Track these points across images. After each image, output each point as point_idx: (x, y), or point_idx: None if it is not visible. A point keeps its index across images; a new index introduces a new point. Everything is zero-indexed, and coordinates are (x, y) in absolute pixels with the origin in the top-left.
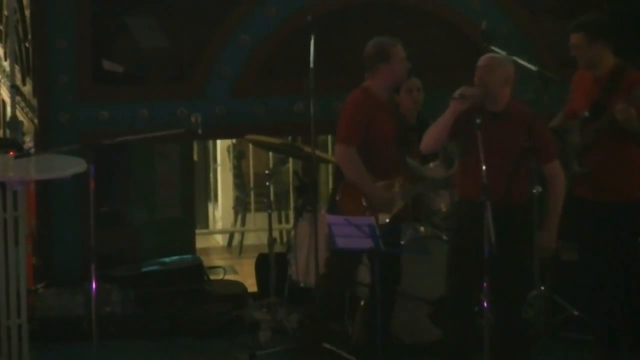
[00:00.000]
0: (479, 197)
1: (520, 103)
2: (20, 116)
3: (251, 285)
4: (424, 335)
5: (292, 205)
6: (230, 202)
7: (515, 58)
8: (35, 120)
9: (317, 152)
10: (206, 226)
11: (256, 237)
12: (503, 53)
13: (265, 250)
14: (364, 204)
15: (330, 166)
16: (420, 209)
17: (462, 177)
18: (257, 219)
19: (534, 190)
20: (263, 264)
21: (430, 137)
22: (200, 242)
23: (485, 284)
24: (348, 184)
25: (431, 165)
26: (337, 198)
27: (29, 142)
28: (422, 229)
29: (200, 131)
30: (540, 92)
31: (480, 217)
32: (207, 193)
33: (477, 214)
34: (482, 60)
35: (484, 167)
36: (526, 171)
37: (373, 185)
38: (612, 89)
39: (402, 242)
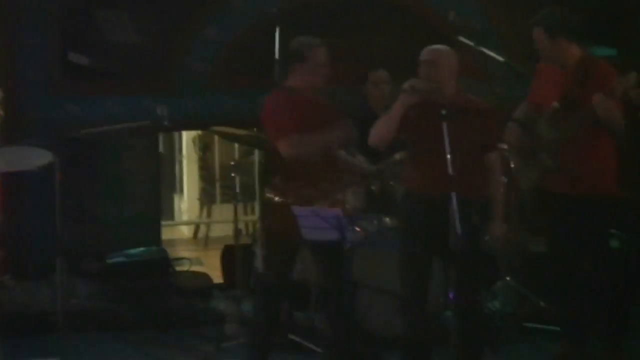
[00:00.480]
0: (433, 189)
1: (466, 94)
2: None
3: (217, 277)
4: (394, 328)
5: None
6: (196, 194)
7: (483, 49)
8: (3, 113)
9: None
10: (172, 218)
11: (222, 228)
12: (471, 44)
13: (231, 242)
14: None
15: None
16: (387, 200)
17: (414, 171)
18: (222, 211)
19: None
20: (229, 256)
21: (378, 131)
22: (166, 234)
23: (451, 277)
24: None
25: (397, 156)
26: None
27: None
28: (387, 220)
29: (166, 123)
30: (509, 84)
31: (436, 209)
32: (173, 185)
33: (432, 206)
34: (427, 53)
35: (449, 157)
36: (482, 163)
37: None
38: (582, 82)
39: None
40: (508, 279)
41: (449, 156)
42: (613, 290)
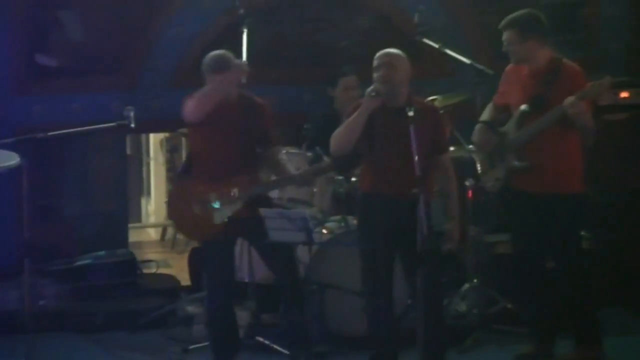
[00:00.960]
0: (390, 190)
1: (418, 96)
2: None
3: (184, 279)
4: (360, 328)
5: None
6: (163, 196)
7: (448, 51)
8: None
9: None
10: (139, 220)
11: None
12: (436, 46)
13: (198, 244)
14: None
15: None
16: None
17: (370, 172)
18: None
19: (466, 183)
20: (196, 258)
21: (344, 138)
22: (133, 236)
23: (416, 277)
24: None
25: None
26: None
27: None
28: (354, 221)
29: (133, 125)
30: (474, 85)
31: (394, 210)
32: (140, 187)
33: (390, 207)
34: (383, 57)
35: (416, 158)
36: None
37: None
38: (551, 83)
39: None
40: (475, 280)
41: (416, 158)
42: (581, 291)
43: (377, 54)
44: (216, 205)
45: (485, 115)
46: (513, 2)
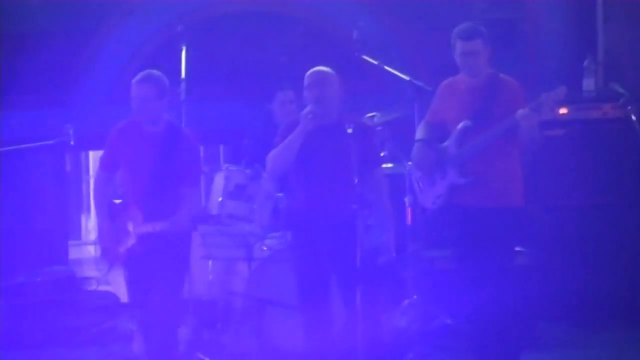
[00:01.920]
0: (324, 207)
1: (348, 111)
2: None
3: (124, 296)
4: (299, 344)
5: None
6: None
7: (387, 68)
8: None
9: None
10: (79, 237)
11: None
12: (375, 62)
13: None
14: None
15: (202, 177)
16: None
17: (303, 190)
18: None
19: (405, 199)
20: None
21: (280, 159)
22: (73, 253)
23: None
24: None
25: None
26: None
27: None
28: None
29: (72, 142)
30: (413, 101)
31: (327, 227)
32: (80, 204)
33: (323, 224)
34: (314, 76)
35: (355, 174)
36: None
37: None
38: (491, 98)
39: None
40: (415, 296)
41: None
42: (521, 306)
43: (308, 73)
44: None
45: (420, 133)
46: (450, 19)
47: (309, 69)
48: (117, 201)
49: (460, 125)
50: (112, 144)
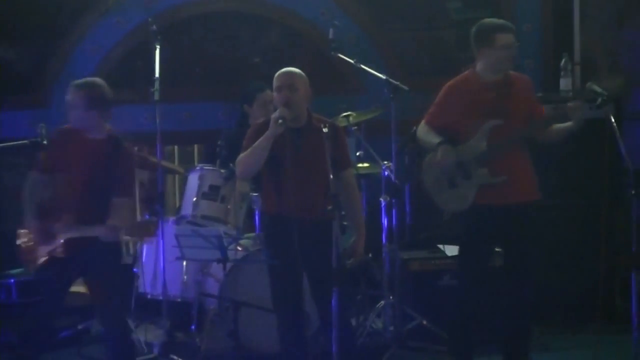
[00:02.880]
0: (296, 212)
1: (315, 114)
2: None
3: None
4: (274, 345)
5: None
6: None
7: (363, 67)
8: None
9: (164, 163)
10: None
11: None
12: (351, 61)
13: None
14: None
15: (176, 177)
16: None
17: (273, 194)
18: None
19: (381, 199)
20: None
21: (249, 162)
22: None
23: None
24: None
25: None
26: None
27: None
28: None
29: (46, 142)
30: (389, 101)
31: (299, 231)
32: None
33: (295, 228)
34: (283, 78)
35: (331, 177)
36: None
37: None
38: (510, 93)
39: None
40: (391, 297)
41: (331, 176)
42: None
43: (277, 74)
44: None
45: (433, 136)
46: (424, 19)
47: (283, 67)
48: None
49: (488, 124)
50: (52, 146)
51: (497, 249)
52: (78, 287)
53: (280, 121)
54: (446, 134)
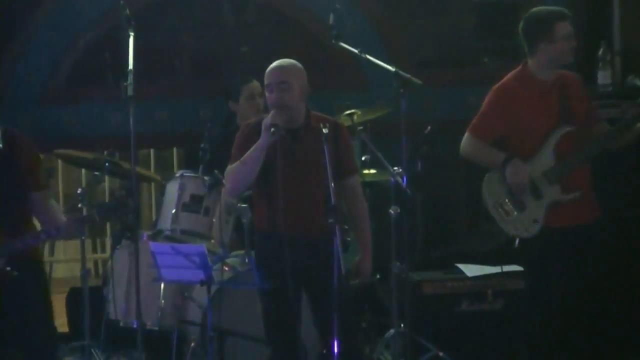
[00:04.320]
0: (291, 227)
1: (315, 112)
2: None
3: (61, 325)
4: None
5: (108, 231)
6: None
7: (369, 57)
8: None
9: (138, 169)
10: None
11: (67, 268)
12: (355, 51)
13: (78, 283)
14: None
15: (153, 185)
16: None
17: (266, 207)
18: (67, 248)
19: (390, 211)
20: (75, 301)
21: (240, 176)
22: None
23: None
24: None
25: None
26: None
27: None
28: None
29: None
30: (398, 97)
31: (297, 248)
32: None
33: (292, 245)
34: (275, 74)
35: (332, 185)
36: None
37: None
38: (567, 94)
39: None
40: (402, 325)
41: (332, 184)
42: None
43: (267, 70)
44: None
45: (488, 152)
46: (439, 2)
47: (276, 59)
48: None
49: (556, 132)
50: None
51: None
52: None
53: (272, 130)
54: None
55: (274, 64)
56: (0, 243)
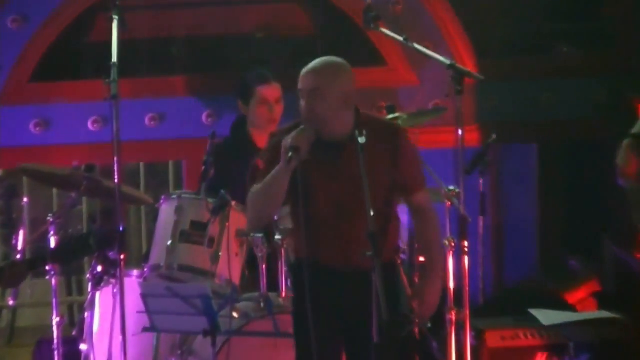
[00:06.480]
0: (331, 259)
1: (372, 115)
2: None
3: None
4: None
5: (86, 267)
6: None
7: (417, 46)
8: None
9: (125, 188)
10: None
11: (34, 315)
12: (400, 38)
13: (48, 334)
14: None
15: (143, 209)
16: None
17: (302, 235)
18: (35, 289)
19: (445, 242)
20: (44, 355)
21: (262, 208)
22: None
23: None
24: None
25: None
26: None
27: None
28: (278, 299)
29: None
30: (456, 95)
31: (339, 284)
32: None
33: (333, 280)
34: (304, 80)
35: (371, 213)
36: (396, 216)
37: None
38: None
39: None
40: None
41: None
42: None
43: (302, 72)
44: None
45: None
46: None
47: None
48: None
49: None
50: None
51: None
52: None
53: (290, 155)
54: None
55: (310, 65)
56: None
